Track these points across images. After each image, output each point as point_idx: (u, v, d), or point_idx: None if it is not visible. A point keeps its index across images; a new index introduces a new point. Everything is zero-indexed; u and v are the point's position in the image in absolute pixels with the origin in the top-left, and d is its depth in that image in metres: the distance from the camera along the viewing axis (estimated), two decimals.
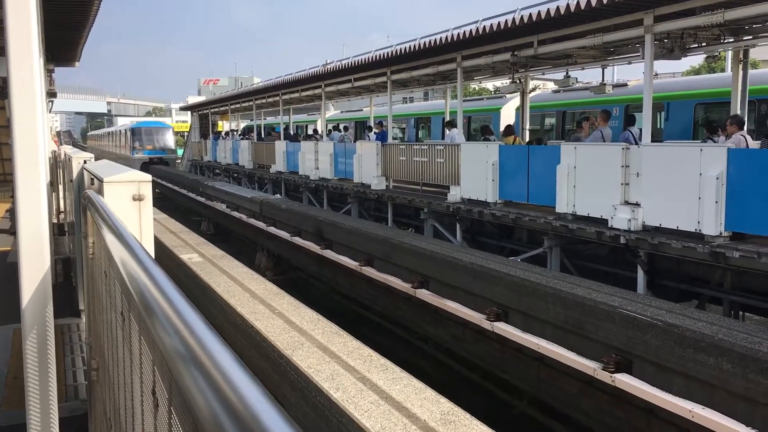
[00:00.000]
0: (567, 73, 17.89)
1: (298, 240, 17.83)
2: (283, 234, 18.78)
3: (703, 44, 13.24)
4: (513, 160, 15.00)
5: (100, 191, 4.01)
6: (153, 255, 2.61)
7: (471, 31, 15.90)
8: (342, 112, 42.07)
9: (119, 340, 2.33)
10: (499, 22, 14.88)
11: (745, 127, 12.36)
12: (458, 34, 16.36)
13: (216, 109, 46.22)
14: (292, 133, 35.26)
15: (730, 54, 20.38)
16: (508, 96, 24.47)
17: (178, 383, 1.02)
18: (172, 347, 1.10)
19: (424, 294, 11.73)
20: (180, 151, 56.71)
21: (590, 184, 12.37)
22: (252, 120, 42.71)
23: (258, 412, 0.77)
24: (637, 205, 11.31)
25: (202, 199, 29.35)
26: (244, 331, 8.08)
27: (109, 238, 2.42)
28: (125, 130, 52.32)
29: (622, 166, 11.62)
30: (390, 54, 19.84)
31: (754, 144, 11.93)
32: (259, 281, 10.38)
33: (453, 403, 5.69)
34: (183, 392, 0.98)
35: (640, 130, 12.47)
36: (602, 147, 13.02)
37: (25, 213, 3.64)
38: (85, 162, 7.14)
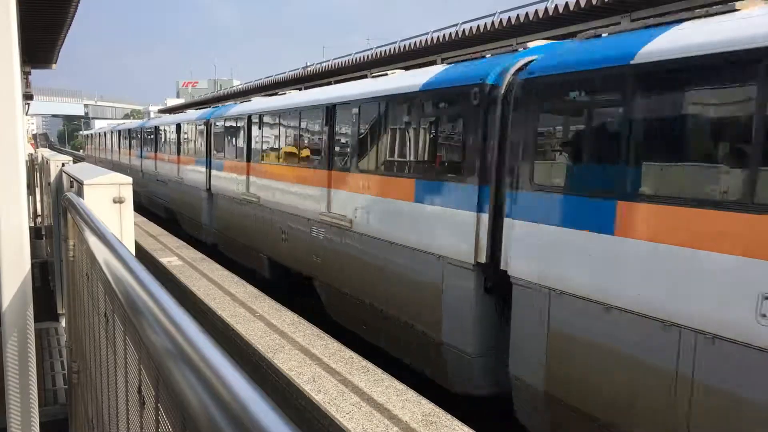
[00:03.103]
0: None
1: None
2: None
3: None
4: None
5: (79, 194, 3.99)
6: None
7: (451, 33, 16.00)
8: None
9: (102, 342, 2.33)
10: (478, 25, 14.99)
11: None
12: (438, 36, 16.45)
13: None
14: None
15: None
16: None
17: (167, 380, 1.03)
18: (160, 345, 1.12)
19: None
20: None
21: None
22: None
23: (248, 405, 0.79)
24: None
25: None
26: (224, 334, 8.06)
27: (92, 240, 2.42)
28: None
29: None
30: (370, 57, 19.91)
31: None
32: (239, 284, 10.35)
33: (434, 404, 5.73)
34: (172, 389, 0.99)
35: None
36: None
37: (5, 216, 3.62)
38: (63, 165, 7.09)
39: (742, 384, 4.91)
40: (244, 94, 33.47)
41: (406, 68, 19.78)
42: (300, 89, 20.65)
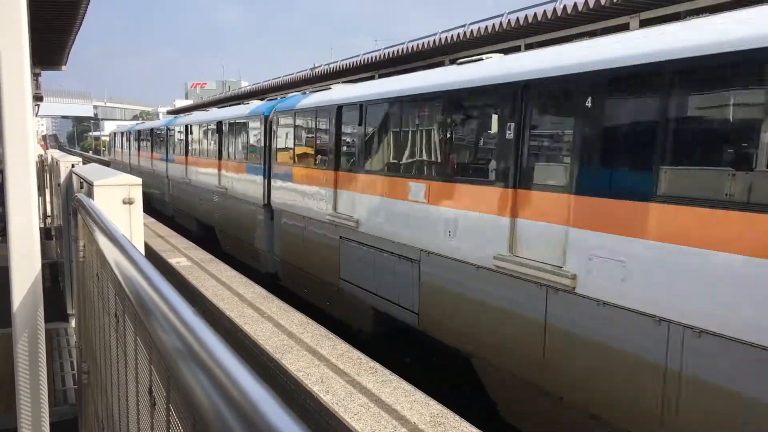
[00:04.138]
0: None
1: None
2: None
3: None
4: None
5: (89, 195, 4.02)
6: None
7: (459, 34, 15.99)
8: None
9: (112, 342, 2.34)
10: (486, 26, 14.97)
11: None
12: (446, 37, 16.44)
13: None
14: None
15: None
16: None
17: (178, 380, 1.04)
18: (171, 345, 1.12)
19: None
20: None
21: None
22: None
23: (259, 405, 0.80)
24: None
25: None
26: (233, 335, 8.07)
27: (102, 241, 2.43)
28: None
29: None
30: (378, 57, 19.91)
31: None
32: (247, 285, 10.37)
33: (443, 406, 5.73)
34: (183, 389, 1.00)
35: None
36: None
37: (16, 217, 3.64)
38: (73, 166, 7.13)
39: None
40: (252, 95, 33.57)
41: (414, 69, 19.82)
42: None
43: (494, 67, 8.24)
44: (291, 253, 13.58)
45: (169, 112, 60.75)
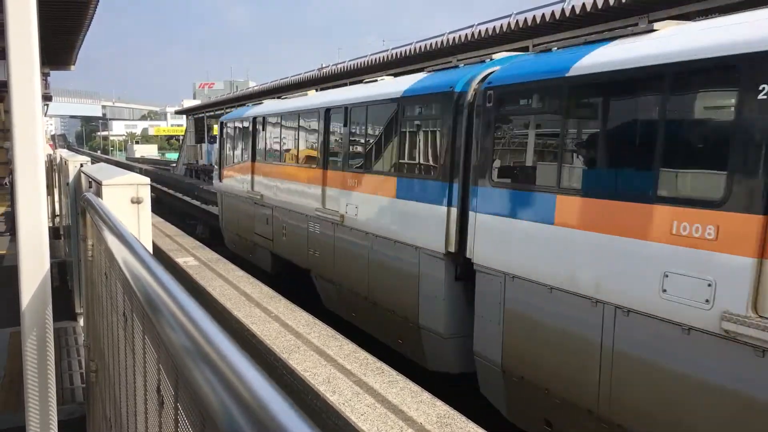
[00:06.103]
0: None
1: None
2: None
3: None
4: None
5: (98, 194, 4.03)
6: None
7: (467, 35, 15.97)
8: None
9: (121, 341, 2.35)
10: (494, 26, 14.95)
11: None
12: (454, 38, 16.43)
13: (212, 113, 46.19)
14: None
15: None
16: None
17: (186, 379, 1.04)
18: (180, 344, 1.13)
19: None
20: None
21: None
22: None
23: (268, 404, 0.80)
24: None
25: (198, 203, 29.42)
26: (240, 334, 8.09)
27: (111, 240, 2.44)
28: None
29: None
30: (385, 58, 19.91)
31: None
32: (254, 285, 10.38)
33: (449, 406, 5.72)
34: (191, 387, 1.00)
35: None
36: None
37: (25, 216, 3.66)
38: (81, 165, 7.16)
39: None
40: (260, 95, 33.64)
41: (422, 69, 19.80)
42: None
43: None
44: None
45: (177, 113, 60.87)
